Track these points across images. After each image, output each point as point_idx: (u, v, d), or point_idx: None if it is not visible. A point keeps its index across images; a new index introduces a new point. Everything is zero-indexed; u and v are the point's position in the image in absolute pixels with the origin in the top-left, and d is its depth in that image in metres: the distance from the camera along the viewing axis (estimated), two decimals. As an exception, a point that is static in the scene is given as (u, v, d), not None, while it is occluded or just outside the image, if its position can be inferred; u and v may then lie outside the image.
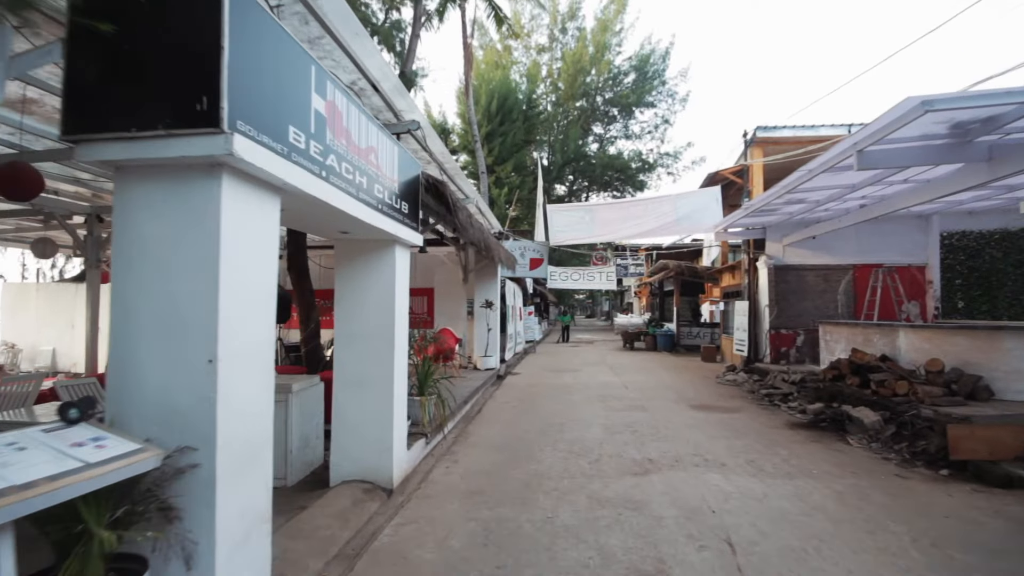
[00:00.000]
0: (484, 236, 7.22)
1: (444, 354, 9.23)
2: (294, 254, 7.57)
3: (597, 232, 11.55)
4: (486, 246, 7.17)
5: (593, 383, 10.14)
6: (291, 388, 4.54)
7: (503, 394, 8.94)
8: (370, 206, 3.70)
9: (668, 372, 11.80)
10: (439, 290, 12.14)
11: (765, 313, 10.67)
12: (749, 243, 11.18)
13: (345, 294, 4.46)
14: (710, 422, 6.60)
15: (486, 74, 28.78)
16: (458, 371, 9.87)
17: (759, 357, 10.84)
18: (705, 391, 9.09)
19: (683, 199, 11.24)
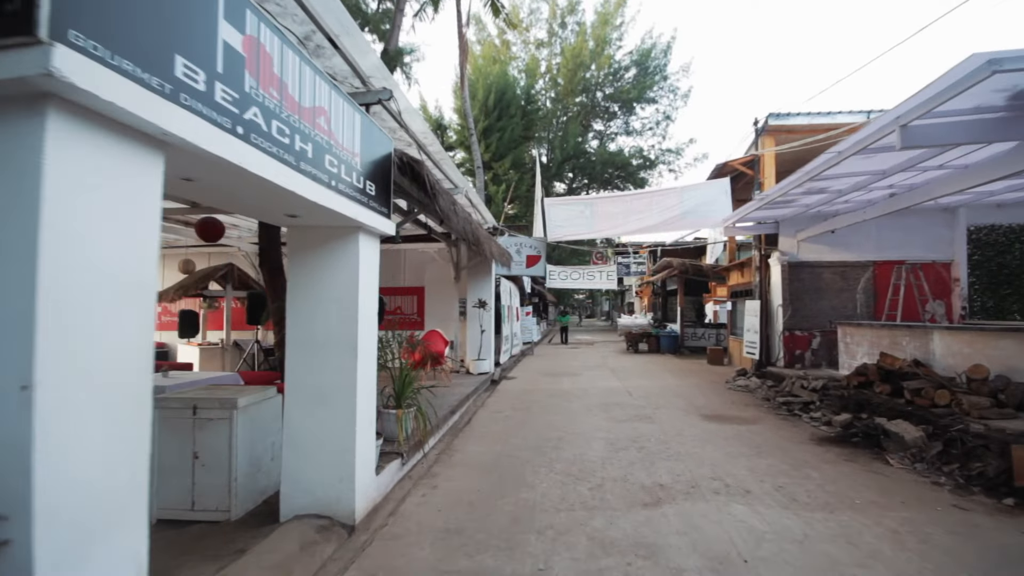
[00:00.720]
0: (473, 228, 6.50)
1: (432, 358, 8.52)
2: (266, 248, 6.83)
3: (598, 227, 10.84)
4: (476, 240, 6.45)
5: (594, 389, 9.42)
6: (236, 403, 3.83)
7: (496, 402, 8.22)
8: (320, 183, 2.98)
9: (674, 376, 11.08)
10: (430, 289, 11.43)
11: (778, 313, 9.95)
12: (760, 239, 10.47)
13: (299, 292, 3.74)
14: (726, 436, 5.88)
15: (484, 69, 28.09)
16: (448, 376, 9.16)
17: (771, 360, 10.12)
18: (716, 398, 8.37)
19: (690, 192, 10.53)
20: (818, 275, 9.91)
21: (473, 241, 6.52)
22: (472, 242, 6.53)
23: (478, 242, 6.67)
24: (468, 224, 6.36)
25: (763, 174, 10.45)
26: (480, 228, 7.23)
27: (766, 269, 10.39)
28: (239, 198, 2.87)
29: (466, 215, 6.46)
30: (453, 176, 7.13)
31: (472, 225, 6.58)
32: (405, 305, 11.45)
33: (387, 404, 5.14)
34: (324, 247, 3.72)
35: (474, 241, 6.51)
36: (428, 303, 11.37)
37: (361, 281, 3.73)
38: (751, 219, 9.92)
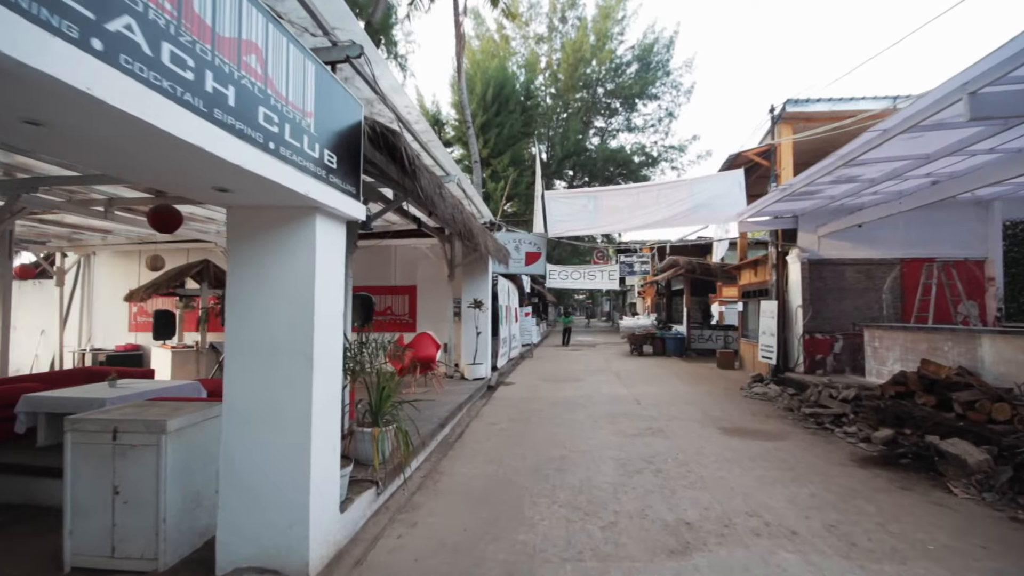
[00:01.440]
0: (465, 219, 5.77)
1: (423, 363, 7.79)
2: None
3: (602, 222, 10.12)
4: (468, 231, 5.73)
5: (599, 396, 8.69)
6: (165, 426, 3.10)
7: (492, 411, 7.49)
8: (252, 144, 2.26)
9: (683, 382, 10.35)
10: (422, 288, 10.70)
11: (797, 315, 9.22)
12: (777, 235, 9.75)
13: (241, 288, 3.01)
14: (753, 455, 5.15)
15: (482, 63, 27.38)
16: (440, 383, 8.43)
17: (790, 365, 9.39)
18: (733, 408, 7.64)
19: (701, 184, 9.80)
20: (840, 273, 9.19)
21: (465, 233, 5.79)
22: (464, 234, 5.80)
23: (471, 234, 5.94)
24: (459, 213, 5.63)
25: (779, 165, 9.73)
26: (474, 220, 6.51)
27: (783, 267, 9.66)
28: (135, 159, 2.12)
29: (456, 202, 5.73)
30: (444, 162, 6.40)
31: (464, 215, 5.85)
32: (396, 305, 10.72)
33: (362, 421, 4.41)
34: (272, 233, 2.98)
35: (466, 233, 5.79)
36: (420, 303, 10.64)
37: (319, 275, 2.99)
38: (768, 213, 9.19)
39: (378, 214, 5.36)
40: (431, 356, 7.81)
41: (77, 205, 7.27)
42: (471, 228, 5.85)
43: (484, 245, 6.99)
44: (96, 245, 10.97)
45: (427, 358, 7.76)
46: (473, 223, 6.55)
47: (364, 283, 10.74)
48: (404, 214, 6.79)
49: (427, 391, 7.94)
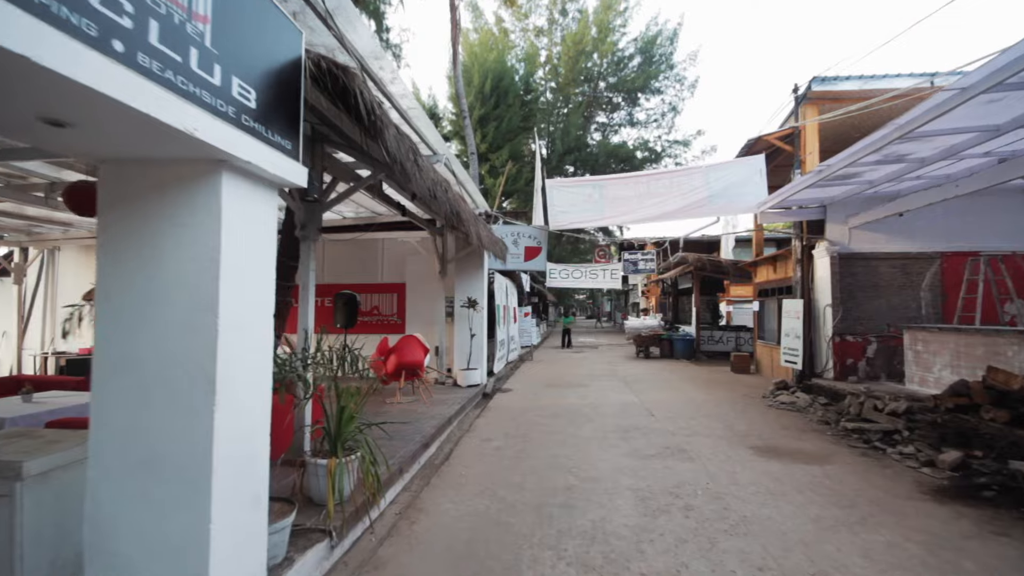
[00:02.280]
0: (451, 199, 4.89)
1: (409, 369, 6.91)
2: None
3: (608, 213, 9.25)
4: (455, 214, 4.85)
5: (606, 405, 7.80)
6: (21, 469, 2.24)
7: (487, 424, 6.60)
8: (83, 39, 1.37)
9: (697, 388, 9.46)
10: (412, 286, 9.81)
11: (825, 315, 8.34)
12: (802, 226, 8.86)
13: (113, 279, 2.12)
14: (798, 483, 4.27)
15: (480, 55, 26.50)
16: (430, 391, 7.54)
17: (817, 371, 8.51)
18: (759, 420, 6.76)
19: (717, 172, 8.93)
20: (873, 269, 8.30)
21: (451, 216, 4.92)
22: (450, 218, 4.93)
23: (459, 219, 5.07)
24: (442, 191, 4.74)
25: (804, 150, 8.85)
26: (463, 203, 5.61)
27: (809, 262, 8.77)
28: None
29: (439, 179, 4.84)
30: (430, 137, 5.52)
31: (450, 195, 4.96)
32: (383, 304, 9.83)
33: (319, 448, 3.53)
34: (158, 199, 2.09)
35: (452, 217, 4.91)
36: (410, 302, 9.76)
37: (227, 259, 2.09)
38: (793, 202, 8.31)
39: (346, 193, 4.48)
40: (418, 362, 6.92)
41: (16, 191, 6.38)
42: (459, 212, 4.97)
43: (476, 235, 6.10)
44: (58, 239, 10.09)
45: (413, 364, 6.87)
46: (462, 207, 5.67)
47: (348, 280, 9.86)
48: (382, 197, 5.91)
49: (414, 401, 7.06)
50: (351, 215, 9.23)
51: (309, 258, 4.23)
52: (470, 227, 5.55)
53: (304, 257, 4.23)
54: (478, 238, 6.10)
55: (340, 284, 9.66)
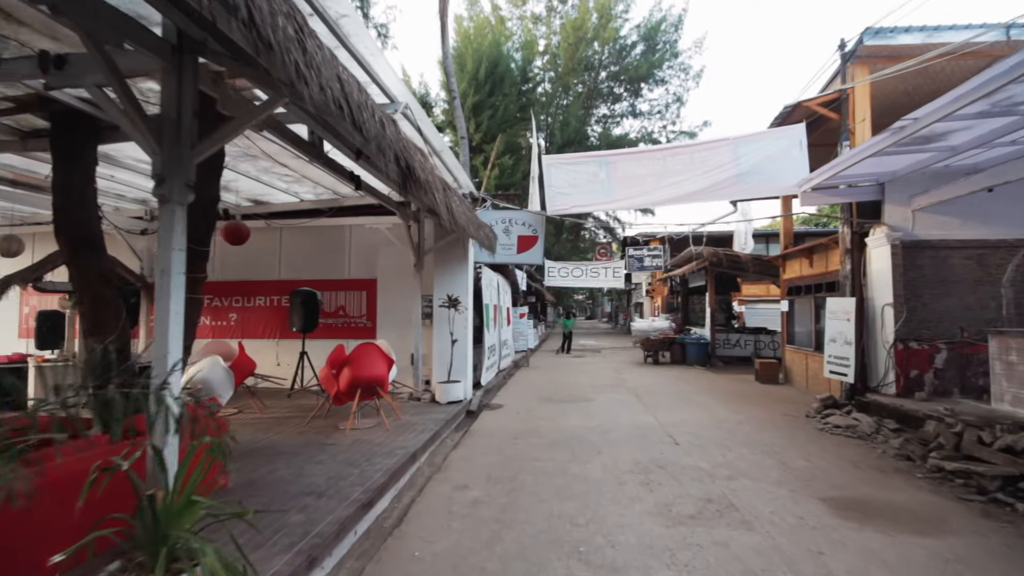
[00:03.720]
0: (407, 153, 3.37)
1: (366, 387, 5.40)
2: (64, 205, 3.81)
3: (618, 195, 7.76)
4: (408, 171, 3.34)
5: (617, 429, 6.30)
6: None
7: (465, 460, 5.09)
8: None
9: (722, 403, 7.95)
10: (384, 282, 8.29)
11: (884, 316, 6.85)
12: (851, 209, 7.36)
13: None
14: (925, 574, 2.76)
15: (475, 40, 25.01)
16: (397, 412, 6.04)
17: (872, 384, 7.01)
18: (816, 452, 5.26)
19: (748, 145, 7.44)
20: (943, 261, 6.81)
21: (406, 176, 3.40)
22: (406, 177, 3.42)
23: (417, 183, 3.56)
24: (389, 142, 3.22)
25: (853, 117, 7.36)
26: (425, 161, 4.08)
27: (860, 252, 7.28)
28: None
29: (395, 136, 3.33)
30: (380, 71, 4.01)
31: (407, 148, 3.44)
32: (350, 304, 8.32)
33: (129, 566, 2.01)
34: None
35: (407, 175, 3.40)
36: (382, 301, 8.24)
37: None
38: (844, 178, 6.80)
39: (226, 131, 2.98)
40: (377, 377, 5.40)
41: None
42: (413, 167, 3.45)
43: (447, 207, 4.58)
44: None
45: (371, 380, 5.35)
46: (430, 174, 4.15)
47: (308, 276, 8.34)
48: (320, 157, 4.39)
49: (375, 426, 5.54)
50: (310, 197, 7.72)
51: (173, 230, 2.71)
52: (435, 195, 4.02)
53: (167, 228, 2.71)
54: (449, 211, 4.57)
55: (299, 281, 8.16)
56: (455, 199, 5.22)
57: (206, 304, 8.59)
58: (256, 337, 8.46)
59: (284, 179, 6.73)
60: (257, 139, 5.23)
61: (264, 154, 5.74)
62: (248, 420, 6.03)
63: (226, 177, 6.67)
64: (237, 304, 8.54)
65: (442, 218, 4.58)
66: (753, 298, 20.48)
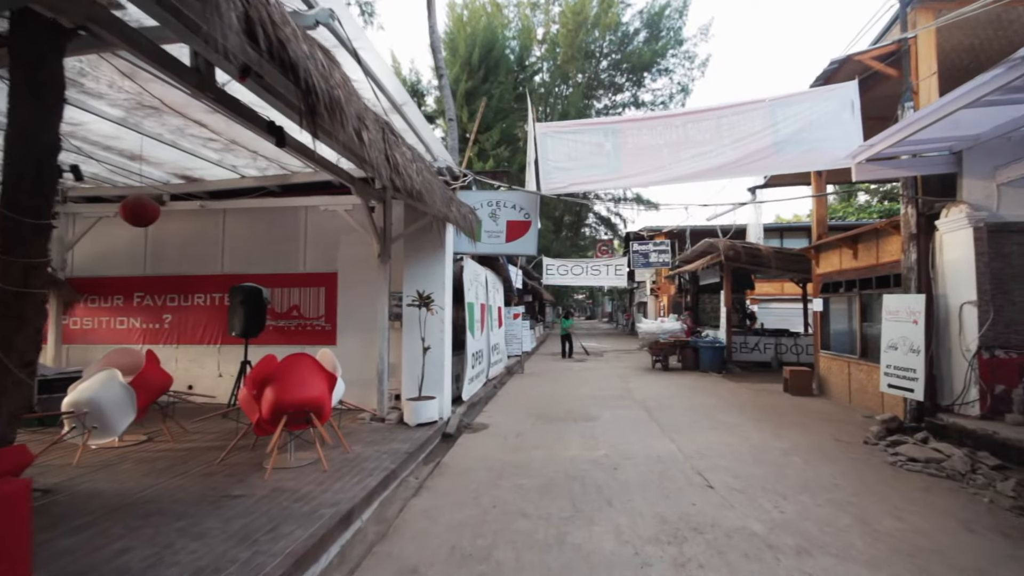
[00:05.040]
0: (346, 93, 1.99)
1: (295, 412, 4.02)
2: None
3: (627, 170, 6.39)
4: (334, 106, 1.94)
5: (630, 463, 4.93)
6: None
7: (427, 516, 3.72)
8: None
9: (755, 422, 6.59)
10: (347, 277, 6.92)
11: (963, 317, 5.49)
12: (916, 185, 5.99)
13: None
14: None
15: (469, 24, 23.64)
16: (346, 445, 4.67)
17: (946, 403, 5.65)
18: (902, 502, 3.91)
19: (787, 107, 6.09)
20: (1036, 247, 5.45)
21: (309, 91, 2.02)
22: (310, 95, 2.03)
23: (325, 103, 2.16)
24: (276, 32, 1.84)
25: (916, 73, 6.00)
26: (345, 82, 2.68)
27: (926, 238, 5.91)
28: None
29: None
30: None
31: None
32: (306, 303, 6.94)
33: None
34: None
35: (310, 93, 2.01)
36: (344, 300, 6.86)
37: None
38: (911, 145, 5.43)
39: None
40: (312, 400, 4.02)
41: None
42: (317, 86, 2.06)
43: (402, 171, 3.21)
44: None
45: (304, 404, 3.98)
46: (383, 128, 2.78)
47: (257, 270, 6.98)
48: (214, 91, 3.01)
49: (309, 464, 4.18)
50: (253, 173, 6.35)
51: None
52: (368, 152, 2.65)
53: None
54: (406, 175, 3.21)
55: (245, 276, 6.80)
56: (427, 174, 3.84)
57: (135, 304, 7.24)
58: (194, 343, 7.10)
59: (210, 145, 5.37)
60: (148, 82, 3.87)
61: (166, 106, 4.38)
62: (151, 453, 4.66)
63: (137, 145, 5.32)
64: (172, 303, 7.16)
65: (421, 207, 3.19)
66: (766, 297, 19.15)
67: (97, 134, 5.05)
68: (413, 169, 3.46)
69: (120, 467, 4.31)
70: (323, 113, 2.29)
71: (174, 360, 7.11)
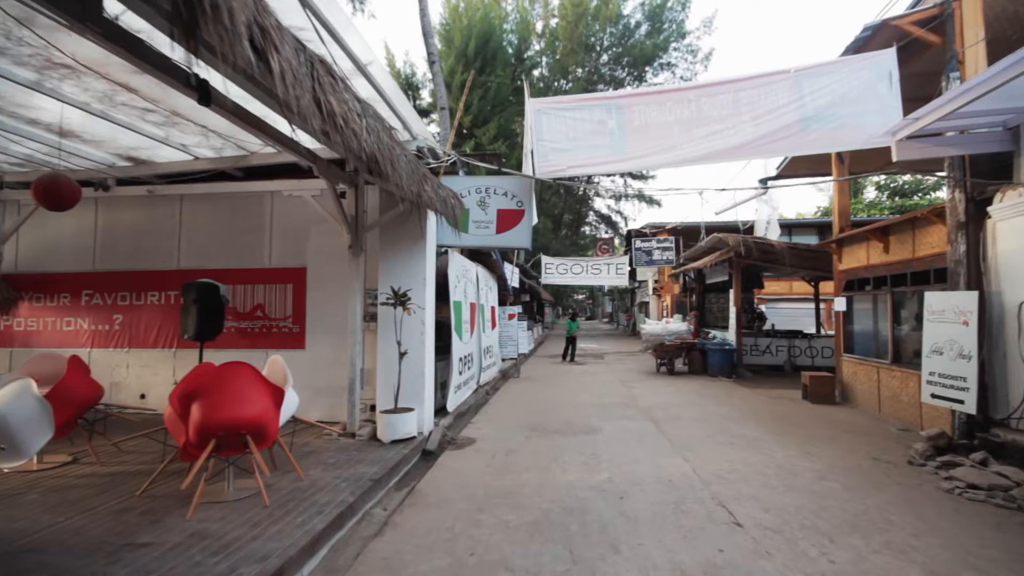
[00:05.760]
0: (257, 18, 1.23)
1: (227, 440, 3.26)
2: None
3: (632, 151, 5.65)
4: None
5: (637, 489, 4.19)
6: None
7: (387, 567, 2.97)
8: None
9: (778, 437, 5.85)
10: (317, 273, 6.17)
11: (1023, 318, 4.73)
12: (964, 165, 5.25)
13: None
14: None
15: (466, 14, 22.89)
16: (300, 472, 3.93)
17: (1001, 416, 4.90)
18: (975, 545, 3.17)
19: (816, 78, 5.35)
20: (1108, 236, 4.69)
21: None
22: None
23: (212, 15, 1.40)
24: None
25: (961, 39, 5.27)
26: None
27: (977, 226, 5.16)
28: None
29: None
30: None
31: None
32: (271, 301, 6.19)
33: None
34: None
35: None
36: (314, 298, 6.12)
37: None
38: (961, 119, 4.68)
39: None
40: (254, 419, 3.27)
41: None
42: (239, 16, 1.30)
43: (342, 124, 2.47)
44: None
45: (237, 425, 3.23)
46: (313, 62, 2.04)
47: (217, 265, 6.24)
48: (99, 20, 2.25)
49: (248, 497, 3.43)
50: (208, 154, 5.60)
51: None
52: (287, 89, 1.91)
53: None
54: (349, 129, 2.48)
55: (205, 271, 6.06)
56: (370, 123, 3.09)
57: (83, 304, 6.49)
58: (147, 346, 6.35)
59: (148, 118, 4.64)
60: (53, 31, 3.14)
61: (80, 64, 3.65)
62: (69, 479, 3.92)
63: (69, 121, 4.61)
64: (123, 302, 6.41)
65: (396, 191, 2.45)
66: (773, 296, 18.41)
67: (12, 103, 4.33)
68: (363, 126, 2.72)
69: (23, 498, 3.56)
70: (204, 14, 1.55)
71: (125, 366, 6.37)
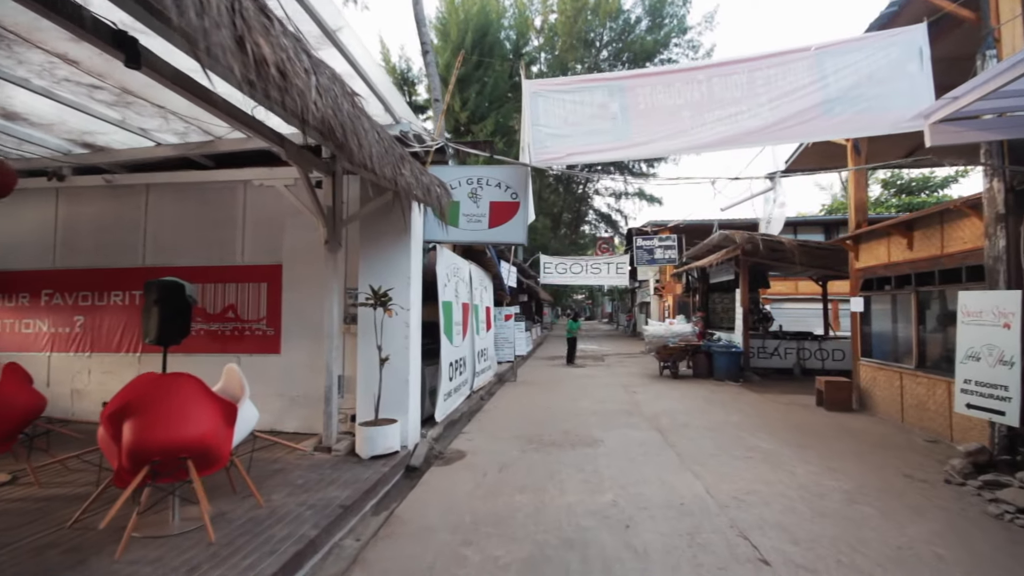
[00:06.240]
0: None
1: (164, 464, 2.75)
2: None
3: (637, 137, 5.17)
4: None
5: (645, 516, 3.70)
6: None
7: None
8: None
9: (797, 450, 5.36)
10: (294, 270, 5.67)
11: (1073, 320, 4.24)
12: (1003, 152, 4.77)
13: None
14: None
15: (462, 8, 22.41)
16: (259, 498, 3.43)
17: (1047, 428, 4.40)
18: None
19: (839, 57, 4.88)
20: None
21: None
22: None
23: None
24: None
25: (997, 15, 4.79)
26: None
27: (1018, 219, 4.68)
28: None
29: None
30: None
31: None
32: (243, 302, 5.70)
33: None
34: None
35: None
36: (290, 298, 5.62)
37: None
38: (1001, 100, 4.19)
39: None
40: (195, 441, 2.78)
41: None
42: None
43: (293, 87, 1.98)
44: None
45: (179, 446, 2.74)
46: (264, 10, 1.56)
47: (185, 261, 5.75)
48: None
49: (196, 532, 2.94)
50: (171, 139, 5.11)
51: None
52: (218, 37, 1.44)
53: None
54: (299, 91, 2.01)
55: (171, 268, 5.56)
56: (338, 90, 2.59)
57: (42, 304, 6.00)
58: (110, 351, 5.86)
59: (97, 96, 4.15)
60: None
61: (7, 30, 3.18)
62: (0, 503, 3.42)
63: (11, 101, 4.13)
64: (85, 302, 5.92)
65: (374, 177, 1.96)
66: (779, 296, 17.92)
67: (-62, 77, 3.84)
68: (311, 84, 2.21)
69: (-66, 531, 3.07)
70: None
71: (87, 371, 5.88)
